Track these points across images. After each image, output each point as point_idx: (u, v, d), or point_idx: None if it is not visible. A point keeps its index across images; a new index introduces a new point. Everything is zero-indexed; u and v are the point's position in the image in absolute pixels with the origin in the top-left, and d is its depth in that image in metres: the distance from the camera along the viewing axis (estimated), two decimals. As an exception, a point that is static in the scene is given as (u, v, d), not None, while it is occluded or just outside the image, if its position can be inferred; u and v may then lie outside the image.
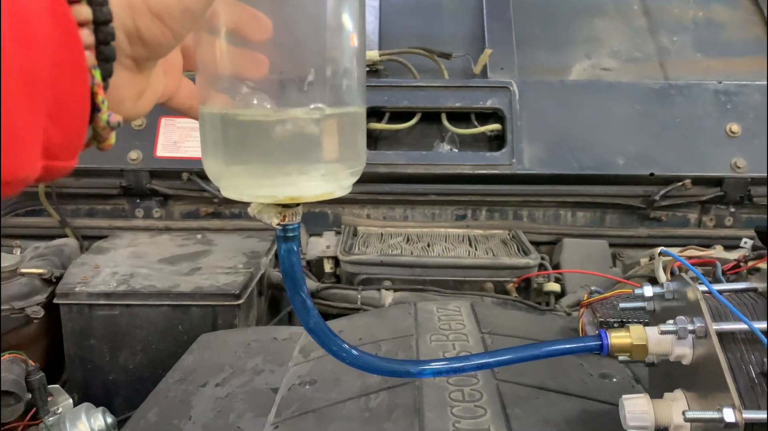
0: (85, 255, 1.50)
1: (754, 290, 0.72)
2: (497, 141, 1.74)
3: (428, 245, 1.58)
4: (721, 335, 0.65)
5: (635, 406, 0.72)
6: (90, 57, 0.43)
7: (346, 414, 0.88)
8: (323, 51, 0.51)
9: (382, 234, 1.66)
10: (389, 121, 1.72)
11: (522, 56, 1.82)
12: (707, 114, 1.68)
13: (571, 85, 1.74)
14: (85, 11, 0.42)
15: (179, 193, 1.71)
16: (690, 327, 0.65)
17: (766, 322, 0.64)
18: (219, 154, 0.52)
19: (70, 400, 1.11)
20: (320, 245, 1.58)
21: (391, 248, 1.54)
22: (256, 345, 1.13)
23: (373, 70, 1.77)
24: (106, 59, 0.44)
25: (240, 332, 1.22)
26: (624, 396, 0.74)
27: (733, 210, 1.71)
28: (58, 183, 1.66)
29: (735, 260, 1.52)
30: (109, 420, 1.01)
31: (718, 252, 1.69)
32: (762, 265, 1.46)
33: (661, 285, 0.74)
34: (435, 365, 0.69)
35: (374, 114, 1.73)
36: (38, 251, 1.51)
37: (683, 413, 0.62)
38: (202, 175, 1.68)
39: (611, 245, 1.64)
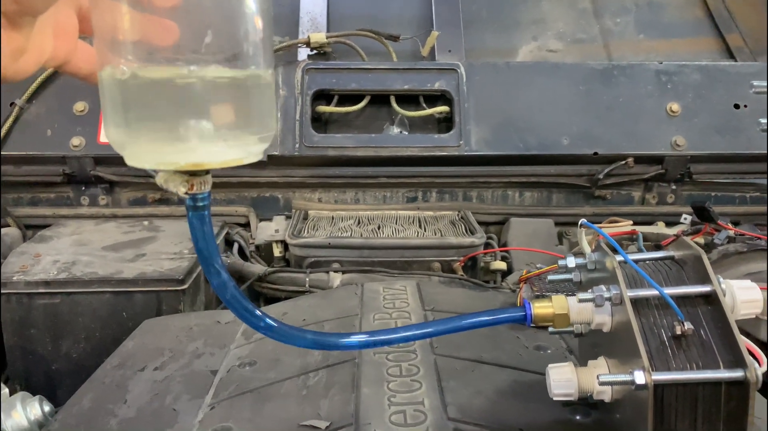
0: (26, 244, 1.46)
1: (671, 258, 0.74)
2: (446, 123, 1.75)
3: (378, 227, 1.59)
4: (635, 301, 0.67)
5: (560, 374, 0.74)
6: None
7: (283, 392, 0.89)
8: (225, 12, 0.50)
9: (333, 218, 1.66)
10: (338, 104, 1.71)
11: (469, 38, 1.83)
12: (648, 94, 1.72)
13: (517, 67, 1.76)
14: None
15: (125, 180, 1.68)
16: (606, 294, 0.67)
17: (677, 288, 0.67)
18: (120, 121, 0.51)
19: (6, 390, 1.09)
20: (269, 230, 1.58)
21: (341, 231, 1.55)
22: (198, 329, 1.12)
23: (321, 53, 1.76)
24: None
25: (183, 317, 1.20)
26: (550, 365, 0.76)
27: (674, 187, 1.76)
28: (-4, 171, 1.61)
29: (674, 235, 1.58)
30: (47, 408, 0.99)
31: (659, 228, 1.74)
32: (699, 239, 1.52)
33: (584, 257, 0.76)
34: (357, 338, 0.70)
35: (323, 97, 1.72)
36: (-24, 241, 1.47)
37: (598, 377, 0.64)
38: (148, 161, 1.65)
39: (557, 224, 1.67)
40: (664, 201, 1.77)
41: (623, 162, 1.68)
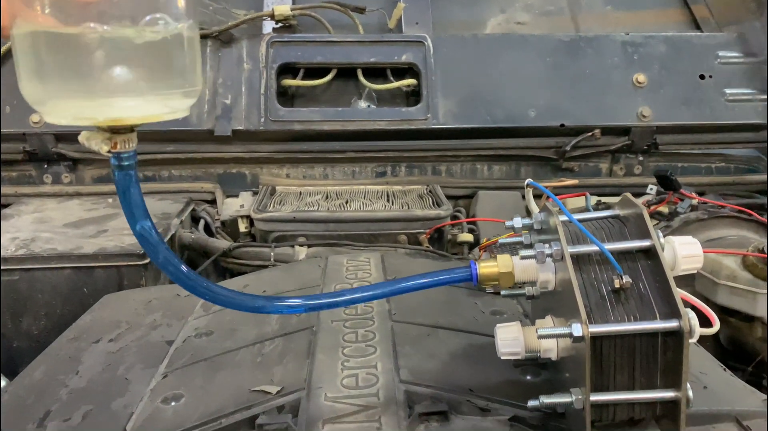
0: (-15, 223, 1.44)
1: (617, 217, 0.75)
2: (414, 97, 1.74)
3: (346, 202, 1.58)
4: (577, 258, 0.68)
5: (507, 333, 0.75)
6: None
7: (238, 360, 0.89)
8: None
9: (300, 193, 1.65)
10: (304, 78, 1.69)
11: (437, 11, 1.82)
12: (615, 65, 1.72)
13: (484, 39, 1.75)
14: None
15: (88, 157, 1.65)
16: (548, 251, 0.68)
17: (618, 243, 0.67)
18: (34, 76, 0.50)
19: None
20: (235, 205, 1.56)
21: (308, 206, 1.54)
22: (157, 302, 1.11)
23: (286, 26, 1.74)
24: None
25: (144, 291, 1.19)
26: (498, 325, 0.76)
27: (641, 158, 1.77)
28: (-46, 149, 1.58)
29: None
30: (3, 383, 0.98)
31: (644, 211, 1.75)
32: (662, 208, 1.53)
33: (530, 217, 0.76)
34: (292, 302, 0.70)
35: (289, 71, 1.70)
36: (-66, 220, 1.44)
37: (537, 331, 0.65)
38: (111, 138, 1.63)
39: (524, 196, 1.68)
40: (632, 172, 1.78)
41: (590, 134, 1.68)
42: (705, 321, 0.80)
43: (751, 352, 1.23)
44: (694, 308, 0.70)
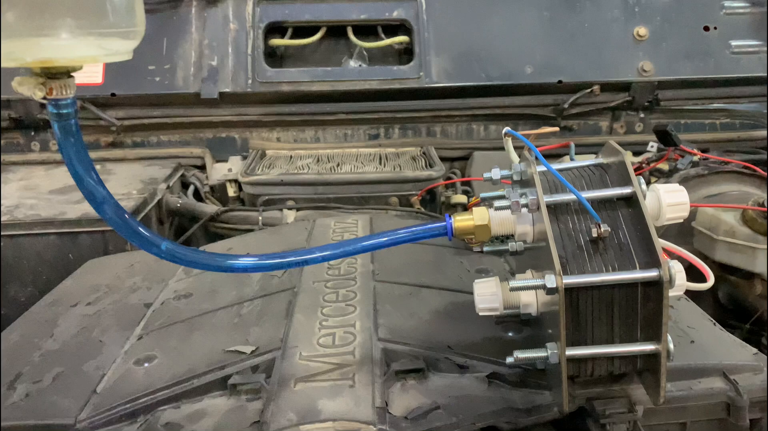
0: (-29, 191, 1.42)
1: (600, 165, 0.71)
2: (407, 55, 1.69)
3: (338, 165, 1.55)
4: (555, 208, 0.64)
5: (484, 289, 0.72)
6: None
7: (215, 322, 0.87)
8: None
9: (291, 157, 1.61)
10: (293, 37, 1.64)
11: (430, -36, 1.75)
12: (614, 18, 1.65)
13: (479, -7, 1.68)
14: None
15: (75, 123, 1.62)
16: (522, 200, 0.64)
17: (597, 191, 0.64)
18: None
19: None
20: (223, 170, 1.54)
21: (298, 169, 1.51)
22: (139, 266, 1.09)
23: (272, -16, 1.68)
24: None
25: (128, 255, 1.18)
26: (476, 281, 0.74)
27: (642, 115, 1.71)
28: (-61, 117, 1.55)
29: (638, 163, 1.54)
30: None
31: (626, 157, 1.70)
32: (662, 165, 1.49)
33: (510, 168, 0.73)
34: (247, 260, 0.67)
35: (277, 30, 1.65)
36: None
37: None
38: (98, 103, 1.60)
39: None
40: (633, 130, 1.73)
41: (589, 90, 1.63)
42: (700, 277, 0.78)
43: (751, 310, 1.20)
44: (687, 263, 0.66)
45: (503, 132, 0.74)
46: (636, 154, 1.64)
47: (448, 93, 1.63)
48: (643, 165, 1.48)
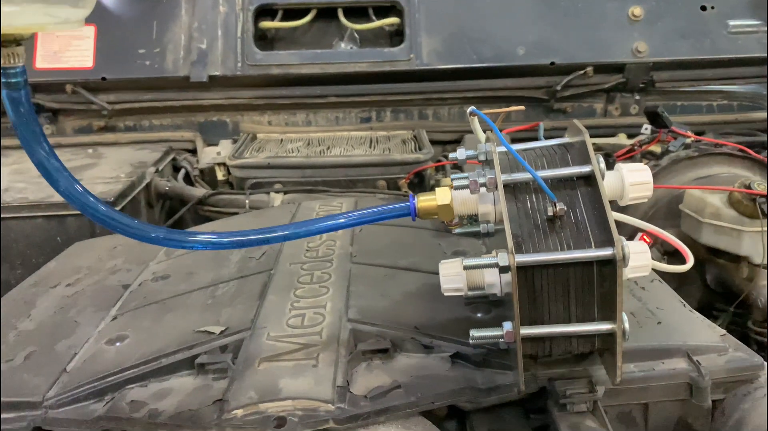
0: (-38, 175, 1.43)
1: (563, 145, 0.70)
2: (398, 37, 1.67)
3: (328, 148, 1.54)
4: (514, 187, 0.64)
5: (449, 269, 0.72)
6: None
7: (189, 303, 0.87)
8: None
9: (281, 140, 1.61)
10: (283, 19, 1.63)
11: (421, -56, 1.73)
12: (609, -3, 1.63)
13: (471, -27, 1.66)
14: None
15: (67, 107, 1.63)
16: (481, 179, 0.64)
17: (555, 170, 0.63)
18: None
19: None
20: (213, 153, 1.54)
21: (287, 152, 1.50)
22: (121, 249, 1.10)
23: (262, -35, 1.67)
24: None
25: (112, 238, 1.18)
26: (441, 262, 0.73)
27: (637, 97, 1.69)
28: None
29: (629, 146, 1.52)
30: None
31: (617, 139, 1.68)
32: (654, 147, 1.47)
33: (475, 148, 0.72)
34: (203, 237, 0.67)
35: (267, 13, 1.64)
36: None
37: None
38: (89, 87, 1.61)
39: (515, 139, 1.61)
40: (627, 112, 1.70)
41: (582, 72, 1.61)
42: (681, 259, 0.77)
43: (738, 293, 1.19)
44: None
45: (468, 111, 0.73)
46: (631, 137, 1.62)
47: (440, 75, 1.62)
48: (635, 147, 1.47)
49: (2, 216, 1.24)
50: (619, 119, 1.70)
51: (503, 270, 0.57)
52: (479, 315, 0.78)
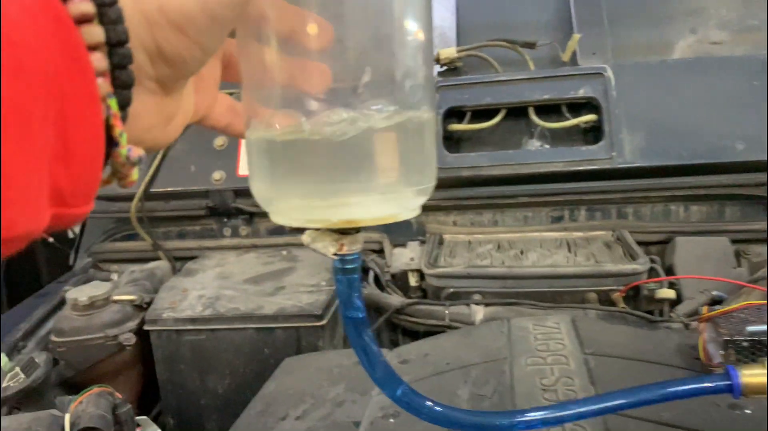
0: (175, 278, 1.51)
1: None
2: (593, 133, 1.58)
3: (521, 252, 1.46)
4: None
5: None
6: (104, 84, 0.36)
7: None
8: (387, 53, 0.43)
9: (470, 243, 1.56)
10: (471, 121, 1.61)
11: (616, 37, 1.66)
12: None
13: (674, 65, 1.55)
14: (96, 32, 0.35)
15: (263, 211, 1.69)
16: None
17: None
18: (267, 176, 0.46)
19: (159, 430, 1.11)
20: (404, 257, 1.51)
21: (480, 257, 1.44)
22: (338, 372, 1.07)
23: (451, 68, 1.68)
24: (123, 85, 0.37)
25: (322, 356, 1.17)
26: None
27: None
28: (148, 207, 1.70)
29: None
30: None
31: None
32: None
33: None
34: (530, 416, 0.59)
35: (454, 114, 1.63)
36: (132, 275, 1.54)
37: None
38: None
39: (733, 241, 1.44)
40: None
41: (815, 166, 1.41)
42: None
43: None
44: None
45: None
46: None
47: (644, 173, 1.50)
48: None
49: (216, 327, 1.27)
50: None
51: None
52: None
